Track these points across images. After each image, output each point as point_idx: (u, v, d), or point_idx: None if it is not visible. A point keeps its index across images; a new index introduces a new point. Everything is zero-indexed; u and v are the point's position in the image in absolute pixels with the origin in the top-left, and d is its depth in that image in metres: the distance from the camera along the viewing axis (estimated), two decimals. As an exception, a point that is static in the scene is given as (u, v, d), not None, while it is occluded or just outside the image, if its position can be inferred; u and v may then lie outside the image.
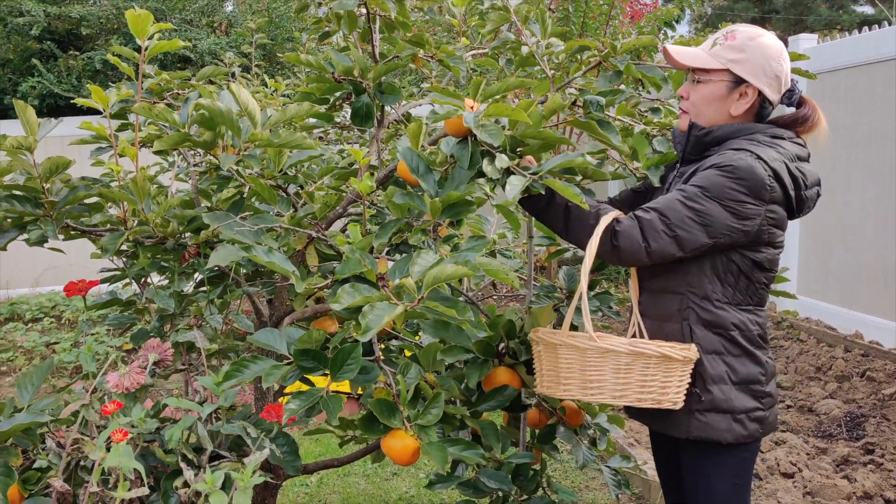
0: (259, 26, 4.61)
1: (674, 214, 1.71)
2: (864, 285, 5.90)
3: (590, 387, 1.72)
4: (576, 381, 1.73)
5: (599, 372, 1.71)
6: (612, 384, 1.71)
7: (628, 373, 1.70)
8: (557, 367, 1.75)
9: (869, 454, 3.89)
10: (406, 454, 1.59)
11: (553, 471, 3.81)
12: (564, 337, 1.74)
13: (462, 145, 1.68)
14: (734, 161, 1.72)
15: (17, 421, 1.54)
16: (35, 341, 6.06)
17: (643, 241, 1.71)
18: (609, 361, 1.70)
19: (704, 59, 1.84)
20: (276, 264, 1.54)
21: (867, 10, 18.53)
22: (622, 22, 6.98)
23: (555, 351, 1.75)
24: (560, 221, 1.80)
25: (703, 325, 1.80)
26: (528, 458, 1.95)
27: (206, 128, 1.68)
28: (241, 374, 1.57)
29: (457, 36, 2.34)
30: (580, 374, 1.72)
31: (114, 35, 8.53)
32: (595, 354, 1.70)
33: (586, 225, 1.75)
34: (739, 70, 1.82)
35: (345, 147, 2.73)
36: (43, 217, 1.75)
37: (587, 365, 1.71)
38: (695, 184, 1.74)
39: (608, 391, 1.71)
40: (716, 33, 1.89)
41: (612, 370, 1.70)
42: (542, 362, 1.80)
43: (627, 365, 1.70)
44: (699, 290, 1.80)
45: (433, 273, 1.39)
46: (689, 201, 1.71)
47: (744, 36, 1.83)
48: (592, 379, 1.71)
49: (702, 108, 1.86)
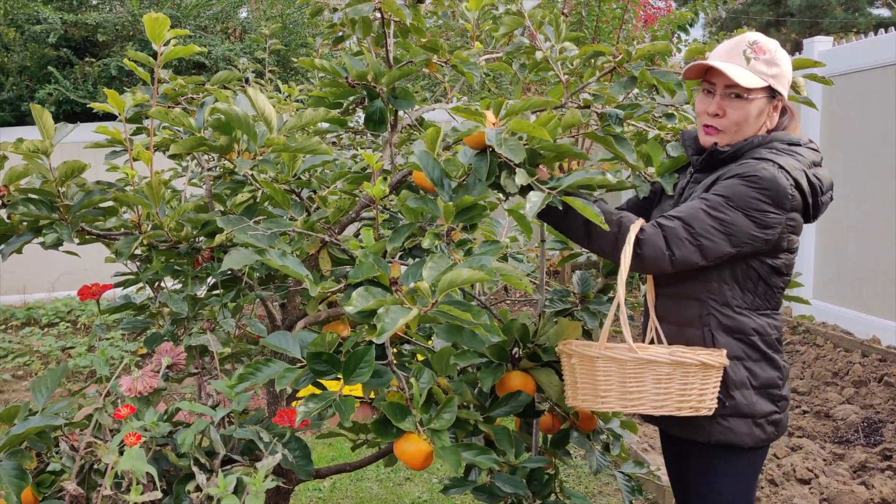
0: (273, 32, 4.62)
1: (698, 223, 1.71)
2: (881, 289, 5.85)
3: (630, 398, 1.71)
4: (615, 393, 1.72)
5: (640, 383, 1.70)
6: (653, 394, 1.70)
7: (669, 382, 1.70)
8: (595, 380, 1.73)
9: (887, 460, 3.84)
10: (419, 458, 1.59)
11: (566, 476, 3.79)
12: (602, 349, 1.72)
13: (480, 157, 1.70)
14: (758, 171, 1.72)
15: (32, 424, 1.55)
16: (51, 346, 6.11)
17: (667, 249, 1.71)
18: (649, 372, 1.69)
19: (754, 79, 1.80)
20: (289, 268, 1.54)
21: (883, 13, 18.40)
22: (635, 26, 6.96)
23: (592, 363, 1.73)
24: (581, 230, 1.79)
25: (724, 331, 1.81)
26: (543, 462, 1.94)
27: (223, 132, 1.69)
28: (255, 376, 1.57)
29: (470, 40, 2.33)
30: (619, 386, 1.71)
31: (129, 42, 8.59)
32: (635, 365, 1.69)
33: (608, 233, 1.74)
34: (778, 85, 1.82)
35: (358, 152, 2.73)
36: (58, 220, 1.76)
37: (627, 376, 1.70)
38: (718, 193, 1.74)
39: (648, 401, 1.70)
40: (737, 44, 1.84)
41: (653, 380, 1.69)
42: (576, 375, 1.78)
43: (668, 375, 1.69)
44: (719, 297, 1.81)
45: (448, 277, 1.38)
46: (713, 210, 1.72)
47: (770, 48, 1.82)
48: (632, 390, 1.70)
49: (743, 127, 1.83)
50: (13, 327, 6.75)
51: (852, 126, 6.04)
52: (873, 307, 5.92)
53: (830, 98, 6.21)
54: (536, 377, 1.91)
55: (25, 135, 7.07)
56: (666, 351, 1.69)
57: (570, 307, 2.10)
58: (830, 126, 6.26)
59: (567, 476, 3.80)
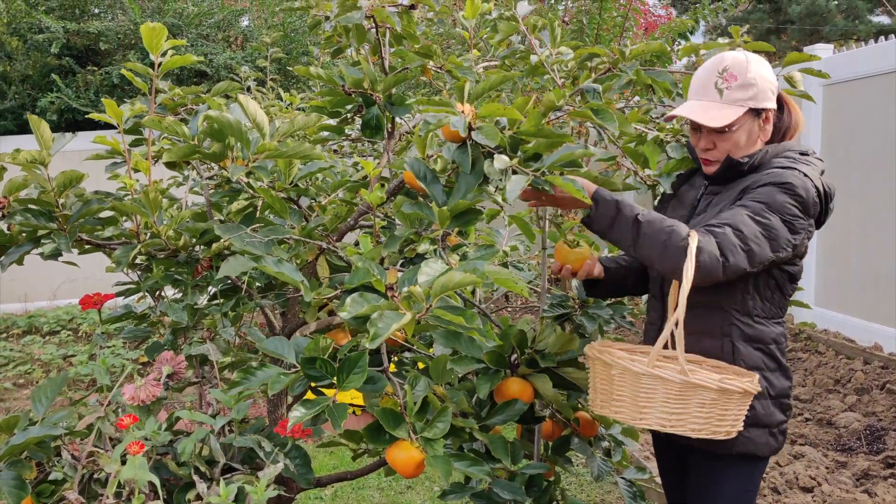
0: (274, 41, 4.64)
1: (747, 229, 1.71)
2: (883, 296, 5.84)
3: (670, 418, 1.67)
4: (656, 412, 1.68)
5: (684, 405, 1.66)
6: (694, 417, 1.67)
7: (712, 407, 1.67)
8: (636, 396, 1.69)
9: (889, 468, 3.83)
10: (410, 466, 1.58)
11: (568, 483, 3.79)
12: (651, 366, 1.67)
13: (462, 150, 1.68)
14: (791, 179, 1.75)
15: (32, 434, 1.55)
16: (52, 354, 6.11)
17: (721, 256, 1.69)
18: (695, 396, 1.65)
19: (728, 114, 1.82)
20: (285, 274, 1.54)
21: (883, 21, 18.41)
22: (636, 34, 6.98)
23: (636, 379, 1.68)
24: (629, 236, 1.76)
25: (745, 341, 1.82)
26: (542, 468, 1.93)
27: (216, 139, 1.69)
28: (248, 381, 1.57)
29: (469, 48, 2.34)
30: (662, 405, 1.67)
31: (131, 50, 8.62)
32: (682, 388, 1.64)
33: (658, 240, 1.71)
34: (759, 103, 1.83)
35: (358, 160, 2.74)
36: (57, 231, 1.76)
37: (671, 397, 1.66)
38: (756, 200, 1.75)
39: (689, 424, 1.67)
40: (709, 76, 1.85)
41: (697, 405, 1.66)
42: (613, 385, 1.73)
43: (713, 400, 1.65)
44: (742, 307, 1.82)
45: (441, 281, 1.38)
46: (756, 216, 1.72)
47: (741, 70, 1.82)
48: (675, 411, 1.67)
49: (737, 151, 1.86)
50: (14, 335, 6.75)
51: (853, 133, 6.04)
52: (875, 314, 5.91)
53: (831, 105, 6.22)
54: (535, 383, 1.91)
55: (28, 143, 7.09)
56: (716, 378, 1.65)
57: (569, 312, 2.10)
58: (831, 133, 6.26)
59: (569, 483, 3.79)
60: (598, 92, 1.90)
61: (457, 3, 6.41)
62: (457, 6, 6.14)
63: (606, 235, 1.80)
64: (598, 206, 1.78)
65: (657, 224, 1.72)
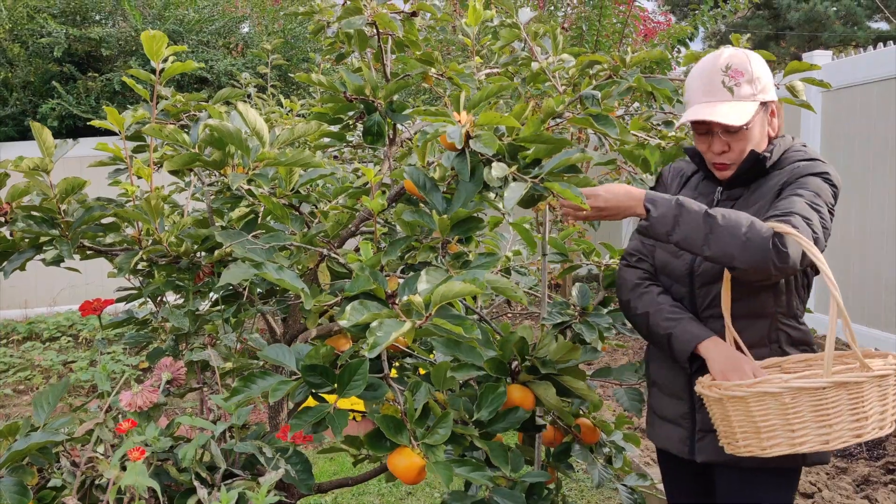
0: (275, 47, 4.65)
1: (813, 216, 1.65)
2: (882, 302, 5.84)
3: (821, 432, 1.49)
4: (813, 433, 1.49)
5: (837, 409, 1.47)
6: (849, 421, 1.47)
7: (866, 403, 1.48)
8: (789, 420, 1.49)
9: (890, 474, 3.83)
10: (411, 472, 1.58)
11: (569, 490, 3.78)
12: (827, 375, 1.46)
13: (461, 158, 1.66)
14: (828, 170, 1.75)
15: (33, 440, 1.55)
16: (52, 360, 6.11)
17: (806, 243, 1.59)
18: (844, 394, 1.46)
19: (747, 110, 1.75)
20: (285, 281, 1.54)
21: (882, 27, 18.44)
22: (635, 40, 6.99)
23: (780, 400, 1.47)
24: (700, 233, 1.63)
25: (793, 346, 1.77)
26: (543, 476, 1.93)
27: (216, 147, 1.70)
28: (249, 389, 1.58)
29: (471, 55, 2.35)
30: (812, 424, 1.48)
31: (132, 56, 8.64)
32: (835, 389, 1.45)
33: (738, 235, 1.59)
34: (767, 96, 1.80)
35: (359, 166, 2.75)
36: (59, 237, 1.77)
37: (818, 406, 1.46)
38: (808, 188, 1.70)
39: (846, 431, 1.49)
40: (712, 76, 1.78)
41: (850, 405, 1.47)
42: (755, 418, 1.53)
43: (867, 393, 1.47)
44: (788, 309, 1.77)
45: (441, 290, 1.38)
46: (813, 205, 1.67)
47: (743, 66, 1.77)
48: (825, 423, 1.47)
49: (749, 149, 1.80)
50: (14, 341, 6.75)
51: (853, 139, 6.05)
52: (874, 320, 5.91)
53: (830, 111, 6.23)
54: (536, 391, 1.91)
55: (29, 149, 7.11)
56: (879, 362, 1.47)
57: (570, 320, 2.10)
58: (830, 139, 6.27)
59: (570, 489, 3.79)
60: (597, 98, 1.90)
61: (457, 10, 6.43)
62: (458, 13, 6.16)
63: (671, 237, 1.67)
64: (657, 208, 1.67)
65: (733, 217, 1.61)
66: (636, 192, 1.70)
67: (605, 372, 2.12)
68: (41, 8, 8.65)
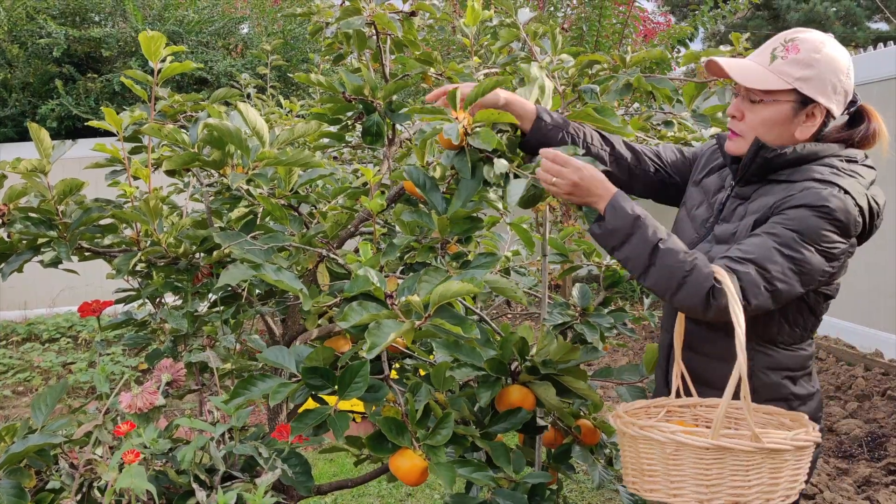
0: (274, 48, 4.65)
1: (773, 267, 1.50)
2: (883, 302, 5.83)
3: (706, 490, 1.41)
4: (689, 485, 1.43)
5: (719, 472, 1.40)
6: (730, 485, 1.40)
7: (760, 470, 1.40)
8: (667, 466, 1.44)
9: (891, 475, 3.82)
10: (414, 474, 1.58)
11: (569, 491, 3.78)
12: (714, 438, 1.39)
13: (461, 156, 1.64)
14: (829, 200, 1.52)
15: (31, 442, 1.54)
16: (51, 361, 6.10)
17: (743, 299, 1.48)
18: (733, 460, 1.39)
19: (767, 79, 1.59)
20: (284, 282, 1.54)
21: (882, 27, 18.44)
22: (635, 41, 6.99)
23: (664, 450, 1.43)
24: (642, 261, 1.56)
25: (769, 370, 1.65)
26: (544, 478, 1.93)
27: (216, 147, 1.69)
28: (249, 391, 1.57)
29: (469, 55, 2.35)
30: (690, 480, 1.42)
31: (132, 57, 8.63)
32: (716, 452, 1.39)
33: (676, 275, 1.51)
34: (808, 89, 1.59)
35: (358, 166, 2.74)
36: (57, 239, 1.76)
37: (703, 464, 1.40)
38: (788, 227, 1.52)
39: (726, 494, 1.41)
40: (770, 42, 1.65)
41: (731, 471, 1.39)
42: (642, 460, 1.49)
43: (758, 464, 1.39)
44: (765, 334, 1.64)
45: (440, 290, 1.38)
46: (786, 249, 1.51)
47: (808, 47, 1.59)
48: (712, 482, 1.40)
49: (761, 132, 1.63)
50: (14, 343, 6.74)
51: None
52: (876, 320, 5.90)
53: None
54: (537, 391, 1.90)
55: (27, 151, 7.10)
56: (788, 434, 1.39)
57: (570, 321, 2.09)
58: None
59: (570, 490, 3.78)
60: (596, 93, 1.89)
61: (457, 10, 6.42)
62: (457, 13, 6.16)
63: (614, 253, 1.61)
64: (615, 218, 1.59)
65: (678, 256, 1.53)
66: (609, 188, 1.62)
67: (605, 372, 2.11)
68: (40, 8, 8.65)
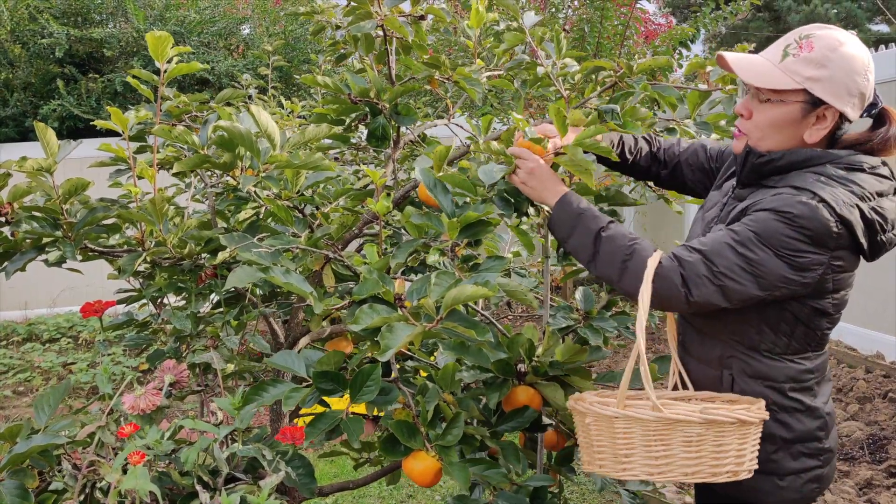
0: (276, 48, 4.65)
1: (721, 261, 1.47)
2: (885, 305, 5.83)
3: (656, 464, 1.47)
4: (639, 458, 1.48)
5: (667, 446, 1.46)
6: (683, 459, 1.46)
7: (700, 444, 1.45)
8: (615, 443, 1.50)
9: (892, 477, 3.82)
10: (428, 475, 1.58)
11: (571, 493, 3.77)
12: (621, 407, 1.47)
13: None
14: (793, 206, 1.45)
15: (34, 443, 1.54)
16: (52, 362, 6.09)
17: (683, 286, 1.48)
18: (677, 433, 1.45)
19: (775, 77, 1.53)
20: (293, 285, 1.53)
21: (882, 29, 18.45)
22: (636, 42, 6.99)
23: (610, 423, 1.49)
24: (587, 251, 1.59)
25: (748, 377, 1.60)
26: (546, 480, 1.92)
27: (226, 149, 1.69)
28: (261, 397, 1.57)
29: (472, 57, 2.34)
30: (644, 451, 1.47)
31: (134, 57, 8.63)
32: (660, 426, 1.45)
33: (616, 260, 1.54)
34: (819, 90, 1.52)
35: (360, 168, 2.74)
36: (62, 238, 1.76)
37: (651, 438, 1.46)
38: (750, 227, 1.49)
39: (678, 467, 1.47)
40: (785, 38, 1.58)
41: (682, 443, 1.45)
42: (591, 436, 1.54)
43: (699, 436, 1.44)
44: (743, 340, 1.59)
45: (452, 294, 1.38)
46: (739, 247, 1.47)
47: (823, 46, 1.52)
48: (659, 455, 1.46)
49: (767, 133, 1.57)
50: (14, 343, 6.74)
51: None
52: (877, 323, 5.90)
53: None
54: (544, 392, 1.90)
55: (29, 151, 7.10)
56: (696, 408, 1.44)
57: (574, 324, 2.09)
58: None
59: (571, 493, 3.78)
60: (617, 112, 1.89)
61: (459, 12, 6.42)
62: (459, 14, 6.15)
63: (564, 245, 1.64)
64: (561, 210, 1.62)
65: (619, 241, 1.55)
66: (560, 186, 1.66)
67: (608, 376, 2.11)
68: (42, 8, 8.65)
